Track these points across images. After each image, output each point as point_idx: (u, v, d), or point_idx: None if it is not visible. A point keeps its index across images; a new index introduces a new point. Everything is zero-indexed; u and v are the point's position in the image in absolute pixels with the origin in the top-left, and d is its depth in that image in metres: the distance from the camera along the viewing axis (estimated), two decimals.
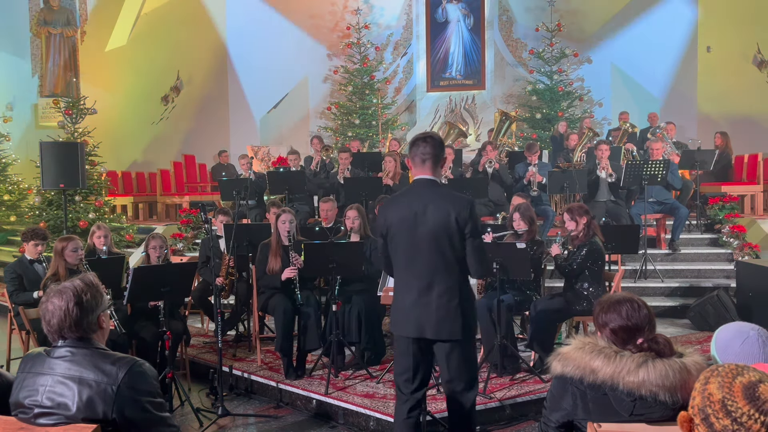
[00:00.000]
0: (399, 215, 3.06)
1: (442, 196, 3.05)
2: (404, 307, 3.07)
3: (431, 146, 3.07)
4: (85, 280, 2.17)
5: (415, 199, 3.06)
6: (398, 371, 3.15)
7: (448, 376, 3.10)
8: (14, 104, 13.30)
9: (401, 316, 3.09)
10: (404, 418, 3.12)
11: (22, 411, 2.10)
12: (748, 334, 2.16)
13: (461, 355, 3.05)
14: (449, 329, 2.98)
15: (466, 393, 3.11)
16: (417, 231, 3.00)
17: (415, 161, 3.11)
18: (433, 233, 2.98)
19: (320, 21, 13.99)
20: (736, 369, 1.72)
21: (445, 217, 2.97)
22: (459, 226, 2.97)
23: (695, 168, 8.22)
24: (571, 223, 4.90)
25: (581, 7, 13.24)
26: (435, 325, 2.99)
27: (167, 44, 13.08)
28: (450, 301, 2.99)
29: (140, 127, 13.38)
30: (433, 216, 2.98)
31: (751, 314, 5.71)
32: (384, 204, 3.26)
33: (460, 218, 2.97)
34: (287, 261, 4.97)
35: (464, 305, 3.02)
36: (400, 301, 3.11)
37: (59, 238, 4.92)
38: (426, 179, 3.09)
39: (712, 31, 11.40)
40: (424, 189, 3.07)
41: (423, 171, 3.10)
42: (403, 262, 3.08)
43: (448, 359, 3.05)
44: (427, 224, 2.99)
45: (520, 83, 13.59)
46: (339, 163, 8.36)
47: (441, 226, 2.97)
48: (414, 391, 3.11)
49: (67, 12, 13.39)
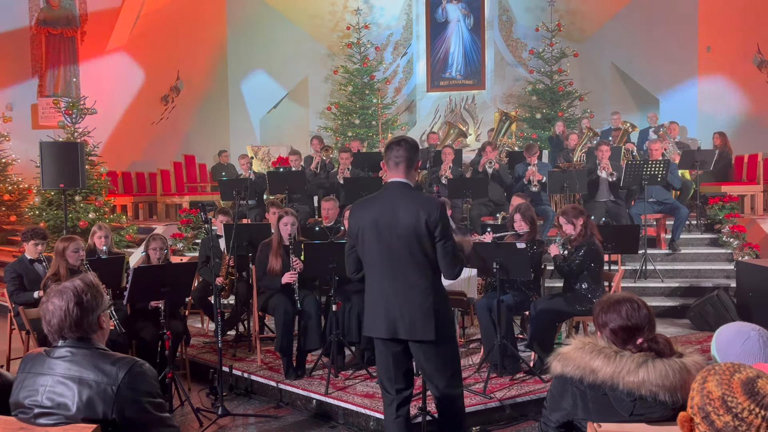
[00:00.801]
0: (370, 217, 3.06)
1: (412, 198, 3.06)
2: (377, 309, 3.07)
3: (405, 150, 3.10)
4: (85, 280, 2.17)
5: (386, 202, 3.07)
6: (380, 372, 3.18)
7: (429, 375, 3.12)
8: (14, 104, 13.31)
9: (375, 318, 3.09)
10: (394, 417, 3.13)
11: (22, 411, 2.10)
12: (749, 334, 2.16)
13: (437, 355, 3.05)
14: (422, 330, 2.99)
15: (449, 388, 3.11)
16: (388, 233, 3.01)
17: (389, 164, 3.14)
18: (404, 236, 2.99)
19: (320, 21, 13.98)
20: (733, 367, 1.73)
21: (414, 219, 2.97)
22: (429, 228, 2.98)
23: (695, 168, 8.22)
24: (568, 227, 4.91)
25: (581, 7, 13.23)
26: (408, 326, 3.00)
27: (167, 44, 13.08)
28: (423, 302, 2.99)
29: (140, 127, 13.36)
30: (404, 218, 2.99)
31: (751, 314, 5.71)
32: (355, 206, 3.25)
33: (430, 220, 2.97)
34: (288, 261, 4.97)
35: (437, 306, 3.02)
36: (373, 303, 3.12)
37: (61, 239, 4.92)
38: (399, 182, 3.11)
39: (712, 31, 11.39)
40: (396, 192, 3.09)
41: (397, 174, 3.12)
42: (375, 264, 3.09)
43: (425, 358, 3.06)
44: (398, 227, 2.99)
45: (520, 83, 13.59)
46: (339, 163, 8.36)
47: (411, 229, 2.98)
48: (399, 390, 3.12)
49: (67, 12, 13.39)
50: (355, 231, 3.14)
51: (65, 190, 7.40)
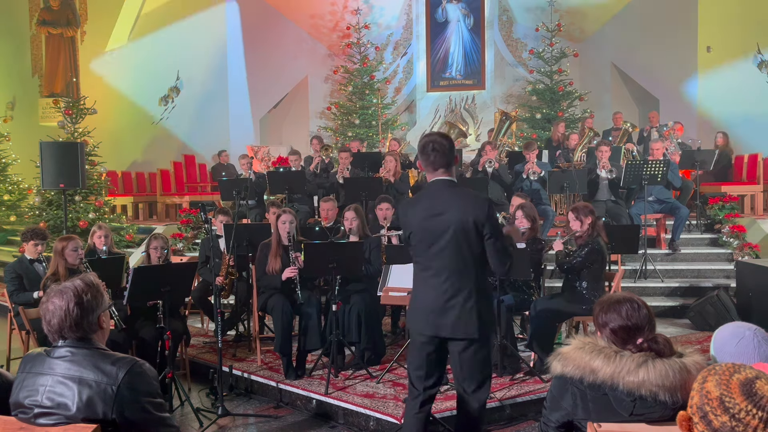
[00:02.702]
0: (419, 216, 3.09)
1: (460, 196, 3.07)
2: (422, 306, 3.09)
3: (440, 155, 3.08)
4: (85, 280, 2.17)
5: (434, 200, 3.09)
6: (412, 367, 3.18)
7: (461, 376, 3.12)
8: (14, 104, 13.31)
9: (419, 314, 3.11)
10: (416, 412, 3.14)
11: (22, 411, 2.10)
12: (744, 333, 2.17)
13: (475, 355, 3.06)
14: (464, 328, 3.00)
15: (477, 393, 3.12)
16: (436, 232, 3.02)
17: (428, 169, 3.14)
18: (452, 234, 3.00)
19: (320, 21, 13.98)
20: (733, 367, 1.74)
21: (463, 218, 2.99)
22: (477, 227, 2.99)
23: (695, 168, 8.22)
24: (575, 223, 4.91)
25: (581, 7, 13.23)
26: (451, 324, 3.01)
27: (167, 44, 13.08)
28: (467, 301, 3.00)
29: (140, 127, 13.37)
30: (452, 217, 3.00)
31: (751, 314, 5.71)
32: (403, 205, 3.32)
33: (479, 219, 2.99)
34: (287, 261, 4.97)
35: (481, 306, 3.04)
36: (418, 300, 3.14)
37: (59, 238, 4.92)
38: (443, 180, 3.12)
39: (712, 31, 11.39)
40: (443, 190, 3.10)
41: (437, 175, 3.13)
42: (423, 262, 3.11)
43: (462, 358, 3.06)
44: (446, 225, 3.00)
45: (520, 83, 13.59)
46: (339, 162, 8.36)
47: (459, 227, 2.99)
48: (427, 387, 3.13)
49: (67, 12, 13.40)
50: (406, 230, 3.19)
51: (65, 190, 7.40)
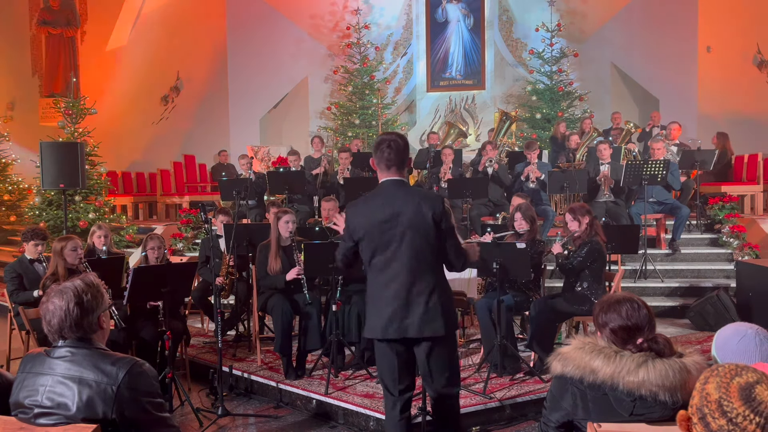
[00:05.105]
0: (375, 217, 3.01)
1: (414, 194, 3.05)
2: (383, 311, 3.02)
3: (395, 153, 3.05)
4: (85, 280, 2.17)
5: (387, 200, 3.02)
6: (384, 373, 3.12)
7: (429, 374, 3.07)
8: (14, 104, 13.31)
9: (380, 320, 3.02)
10: (397, 420, 3.10)
11: (22, 411, 2.10)
12: (746, 332, 2.16)
13: (442, 352, 3.04)
14: (432, 327, 2.97)
15: (446, 390, 3.09)
16: (392, 232, 2.97)
17: (380, 166, 3.10)
18: (410, 232, 2.96)
19: (320, 21, 13.98)
20: (735, 369, 1.72)
21: (419, 213, 2.96)
22: (435, 221, 2.97)
23: (695, 168, 8.21)
24: (573, 224, 4.91)
25: (581, 7, 13.23)
26: (417, 324, 2.96)
27: (167, 44, 13.08)
28: (430, 299, 2.98)
29: (140, 127, 13.38)
30: (408, 214, 2.97)
31: (751, 314, 5.71)
32: (352, 206, 3.17)
33: (436, 214, 2.97)
34: (286, 261, 4.97)
35: (444, 300, 3.02)
36: (377, 306, 3.05)
37: (58, 238, 4.92)
38: (394, 180, 3.09)
39: (712, 31, 11.39)
40: (396, 189, 3.06)
41: (389, 174, 3.09)
42: (379, 264, 3.04)
43: (429, 357, 3.03)
44: (403, 224, 2.97)
45: (520, 83, 13.58)
46: (339, 163, 8.36)
47: (417, 225, 2.96)
48: (402, 391, 3.09)
49: (67, 12, 13.40)
50: (356, 233, 3.06)
51: (65, 190, 7.40)
